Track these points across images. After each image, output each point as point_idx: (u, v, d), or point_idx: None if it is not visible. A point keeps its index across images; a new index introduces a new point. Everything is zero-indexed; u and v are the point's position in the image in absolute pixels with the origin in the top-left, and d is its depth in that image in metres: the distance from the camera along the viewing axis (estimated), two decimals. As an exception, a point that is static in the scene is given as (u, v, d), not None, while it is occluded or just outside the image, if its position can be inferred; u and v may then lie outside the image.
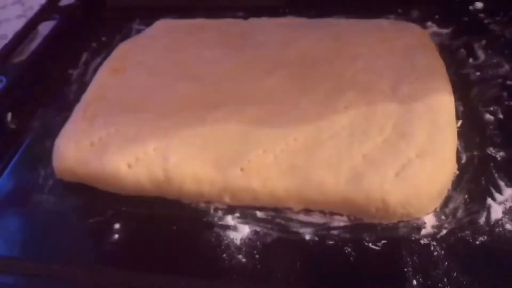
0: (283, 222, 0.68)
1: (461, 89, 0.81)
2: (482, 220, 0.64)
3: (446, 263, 0.61)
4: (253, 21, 1.00)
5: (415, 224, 0.65)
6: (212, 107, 0.79)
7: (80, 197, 0.76)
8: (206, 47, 0.93)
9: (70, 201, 0.75)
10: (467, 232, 0.63)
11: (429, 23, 0.97)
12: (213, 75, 0.86)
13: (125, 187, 0.73)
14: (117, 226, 0.70)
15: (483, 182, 0.69)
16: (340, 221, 0.67)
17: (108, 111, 0.82)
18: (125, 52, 0.97)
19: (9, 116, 0.90)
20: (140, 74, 0.89)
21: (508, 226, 0.63)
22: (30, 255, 0.70)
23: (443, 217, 0.65)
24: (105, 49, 1.05)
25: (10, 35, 1.13)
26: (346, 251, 0.63)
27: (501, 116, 0.77)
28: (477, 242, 0.62)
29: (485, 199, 0.67)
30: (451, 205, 0.67)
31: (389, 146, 0.69)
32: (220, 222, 0.69)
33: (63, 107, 0.91)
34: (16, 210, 0.76)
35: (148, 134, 0.76)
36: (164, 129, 0.76)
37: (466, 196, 0.67)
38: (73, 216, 0.74)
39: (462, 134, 0.74)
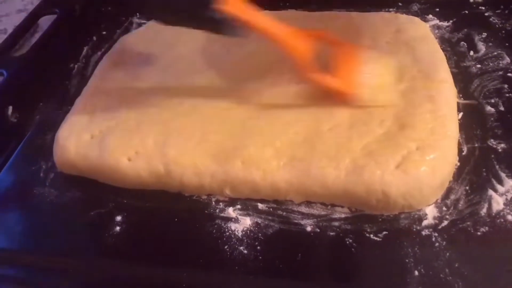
0: (284, 213, 0.68)
1: (462, 81, 0.81)
2: (483, 211, 0.64)
3: (448, 254, 0.61)
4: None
5: (416, 216, 0.65)
6: (213, 100, 0.78)
7: (81, 190, 0.76)
8: (206, 40, 0.93)
9: (71, 194, 0.75)
10: (468, 223, 0.63)
11: (429, 16, 0.97)
12: (214, 68, 0.86)
13: (125, 181, 0.73)
14: (118, 218, 0.70)
15: (484, 174, 0.68)
16: (341, 213, 0.67)
17: (108, 104, 0.82)
18: (126, 46, 0.97)
19: (9, 109, 0.90)
20: (140, 68, 0.89)
21: (509, 217, 0.63)
22: (31, 247, 0.70)
23: (444, 208, 0.65)
24: (106, 43, 1.04)
25: (10, 29, 1.12)
26: (347, 242, 0.63)
27: (502, 108, 0.77)
28: (479, 233, 0.62)
29: (486, 191, 0.66)
30: (453, 197, 0.66)
31: (389, 138, 0.68)
32: (221, 214, 0.69)
33: (63, 101, 0.91)
34: (17, 203, 0.76)
35: (148, 127, 0.75)
36: (164, 122, 0.76)
37: (467, 188, 0.67)
38: (75, 209, 0.74)
39: (463, 126, 0.74)
